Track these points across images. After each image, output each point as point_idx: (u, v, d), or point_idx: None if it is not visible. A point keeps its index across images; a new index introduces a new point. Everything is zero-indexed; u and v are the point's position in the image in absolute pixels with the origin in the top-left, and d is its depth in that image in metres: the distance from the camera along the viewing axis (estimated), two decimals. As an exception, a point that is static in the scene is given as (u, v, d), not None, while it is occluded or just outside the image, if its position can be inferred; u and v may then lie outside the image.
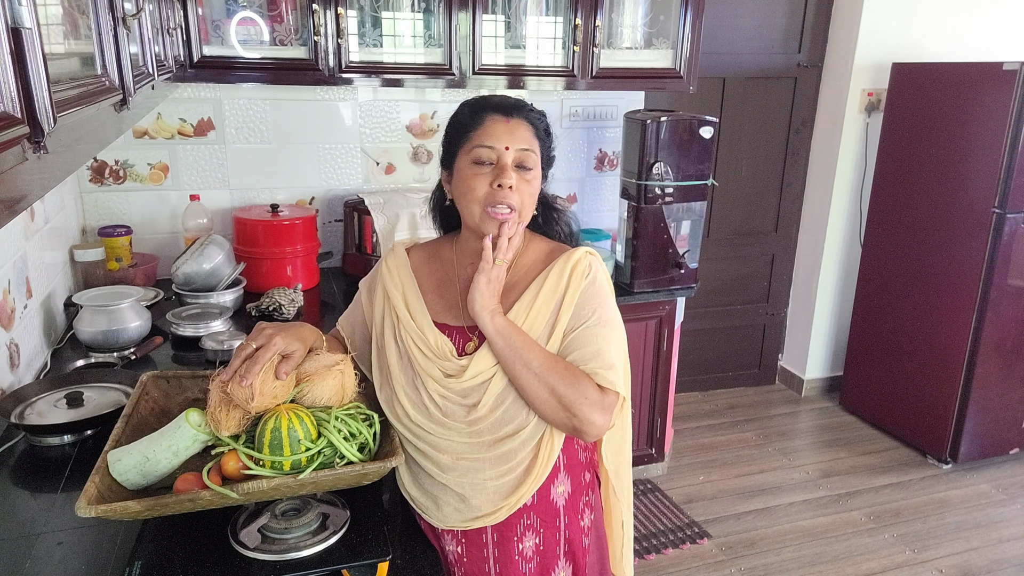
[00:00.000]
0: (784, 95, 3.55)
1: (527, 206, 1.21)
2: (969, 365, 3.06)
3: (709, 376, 3.90)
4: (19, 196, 0.63)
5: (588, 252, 1.25)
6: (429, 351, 1.22)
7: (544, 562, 1.28)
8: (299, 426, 1.11)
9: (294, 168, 2.71)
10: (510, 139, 1.18)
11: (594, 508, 1.34)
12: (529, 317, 1.19)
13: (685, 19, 2.67)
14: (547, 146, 1.25)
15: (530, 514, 1.25)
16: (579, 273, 1.20)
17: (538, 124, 1.23)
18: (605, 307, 1.21)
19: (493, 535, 1.25)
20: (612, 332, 1.20)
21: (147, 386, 1.34)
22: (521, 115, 1.21)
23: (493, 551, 1.25)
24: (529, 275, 1.24)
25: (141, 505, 1.03)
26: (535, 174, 1.21)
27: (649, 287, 2.73)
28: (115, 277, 2.27)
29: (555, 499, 1.26)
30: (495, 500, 1.21)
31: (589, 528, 1.33)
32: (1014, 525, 2.83)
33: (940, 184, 3.09)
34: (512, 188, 1.17)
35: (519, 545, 1.26)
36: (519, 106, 1.22)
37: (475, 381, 1.18)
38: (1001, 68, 2.80)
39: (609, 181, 3.16)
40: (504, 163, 1.17)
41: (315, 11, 2.27)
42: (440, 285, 1.29)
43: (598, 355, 1.17)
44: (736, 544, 2.68)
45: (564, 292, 1.20)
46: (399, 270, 1.30)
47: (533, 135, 1.21)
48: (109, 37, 1.02)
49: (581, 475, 1.31)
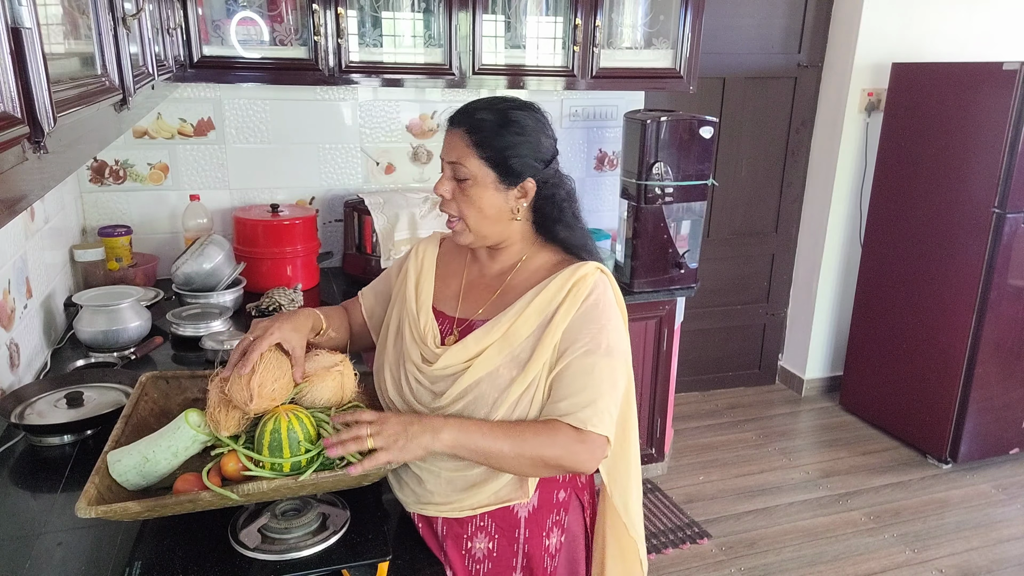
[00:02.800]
0: (784, 95, 3.55)
1: (470, 217, 1.20)
2: (969, 365, 3.06)
3: (709, 376, 3.89)
4: (19, 196, 0.63)
5: (598, 268, 1.22)
6: (417, 334, 1.25)
7: (496, 569, 1.26)
8: (298, 427, 1.11)
9: (294, 168, 2.71)
10: (446, 150, 1.20)
11: (567, 531, 1.29)
12: (515, 325, 1.18)
13: (685, 19, 2.67)
14: (495, 152, 1.16)
15: (484, 517, 1.24)
16: (579, 290, 1.17)
17: (479, 131, 1.16)
18: (604, 332, 1.16)
19: (443, 526, 1.25)
20: (606, 361, 1.15)
21: (146, 387, 1.34)
22: (460, 125, 1.18)
23: (443, 542, 1.26)
24: (529, 282, 1.23)
25: (141, 506, 1.02)
26: (471, 184, 1.18)
27: (649, 287, 2.73)
28: (115, 277, 2.27)
29: (516, 509, 1.24)
30: (448, 492, 1.21)
31: (557, 550, 1.28)
32: (1014, 525, 2.83)
33: (940, 184, 3.09)
34: (446, 196, 1.20)
35: (468, 543, 1.25)
36: (466, 112, 1.19)
37: (444, 372, 1.19)
38: (1001, 68, 2.80)
39: (609, 181, 3.16)
40: (443, 173, 1.21)
41: (315, 11, 2.27)
42: (450, 275, 1.33)
43: (579, 392, 1.13)
44: (736, 544, 2.68)
45: (558, 307, 1.17)
46: (426, 254, 1.36)
47: (467, 144, 1.17)
48: (109, 37, 1.02)
49: (554, 492, 1.27)
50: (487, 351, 1.18)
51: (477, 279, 1.30)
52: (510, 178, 1.19)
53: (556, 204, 1.24)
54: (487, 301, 1.25)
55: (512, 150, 1.17)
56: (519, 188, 1.20)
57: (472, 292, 1.29)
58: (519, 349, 1.17)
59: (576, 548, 1.33)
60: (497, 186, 1.19)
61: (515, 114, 1.18)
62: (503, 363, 1.17)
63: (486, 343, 1.18)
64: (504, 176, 1.18)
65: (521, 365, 1.16)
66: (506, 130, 1.17)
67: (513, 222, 1.23)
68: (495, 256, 1.28)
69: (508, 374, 1.17)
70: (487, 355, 1.17)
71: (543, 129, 1.22)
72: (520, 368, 1.16)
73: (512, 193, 1.20)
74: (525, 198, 1.21)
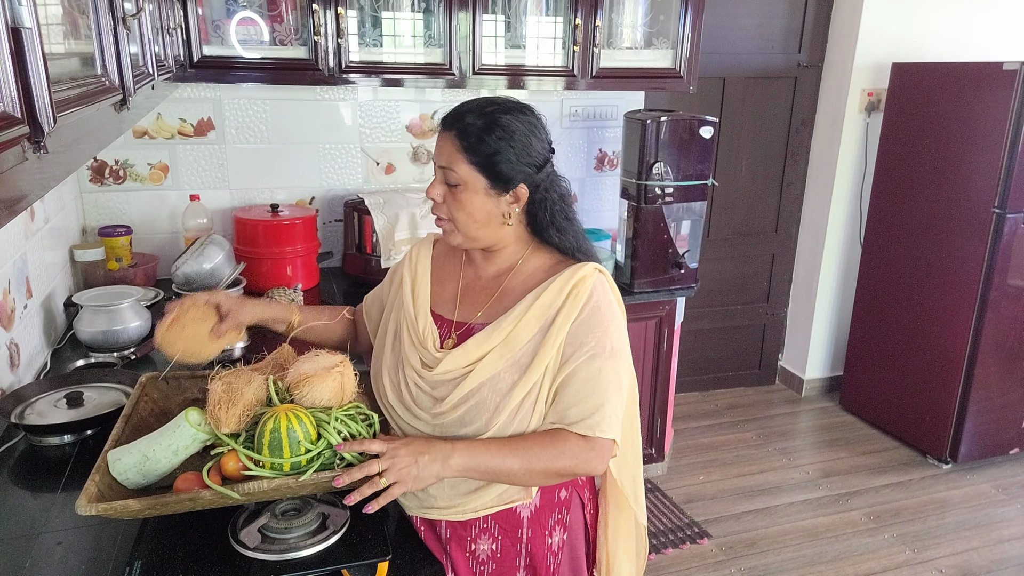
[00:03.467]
0: (784, 95, 3.55)
1: (460, 220, 1.19)
2: (969, 365, 3.06)
3: (709, 376, 3.89)
4: (19, 196, 0.63)
5: (596, 269, 1.21)
6: (416, 337, 1.25)
7: (500, 570, 1.27)
8: (298, 427, 1.11)
9: (294, 168, 2.71)
10: (437, 153, 1.20)
11: (568, 528, 1.30)
12: (516, 329, 1.17)
13: (685, 19, 2.67)
14: (483, 158, 1.15)
15: (488, 518, 1.24)
16: (579, 293, 1.17)
17: (467, 137, 1.14)
18: (608, 335, 1.17)
19: (447, 529, 1.25)
20: (611, 363, 1.16)
21: (146, 387, 1.34)
22: (449, 128, 1.17)
23: (447, 545, 1.26)
24: (526, 285, 1.22)
25: (141, 504, 1.03)
26: (462, 189, 1.16)
27: (649, 287, 2.73)
28: (115, 277, 2.27)
29: (519, 510, 1.24)
30: (451, 495, 1.22)
31: (560, 548, 1.29)
32: (1014, 525, 2.83)
33: (940, 184, 3.09)
34: (437, 200, 1.20)
35: (472, 545, 1.25)
36: (455, 115, 1.17)
37: (445, 376, 1.19)
38: (1001, 68, 2.80)
39: (609, 181, 3.16)
40: (435, 176, 1.21)
41: (315, 11, 2.27)
42: (446, 278, 1.32)
43: (587, 398, 1.14)
44: (736, 544, 2.68)
45: (558, 310, 1.17)
46: (420, 257, 1.36)
47: (456, 149, 1.15)
48: (109, 37, 1.02)
49: (555, 492, 1.28)
50: (488, 355, 1.17)
51: (473, 281, 1.29)
52: (501, 184, 1.16)
53: (547, 209, 1.21)
54: (485, 304, 1.25)
55: (499, 155, 1.14)
56: (511, 194, 1.18)
57: (469, 295, 1.28)
58: (520, 353, 1.17)
59: (577, 546, 1.33)
60: (488, 192, 1.17)
61: (502, 118, 1.15)
62: (504, 367, 1.17)
63: (487, 347, 1.18)
64: (495, 182, 1.16)
65: (522, 369, 1.16)
66: (492, 135, 1.14)
67: (505, 226, 1.21)
68: (490, 258, 1.27)
69: (509, 378, 1.16)
70: (488, 359, 1.17)
71: (533, 132, 1.18)
72: (521, 372, 1.16)
73: (504, 199, 1.18)
74: (517, 203, 1.19)
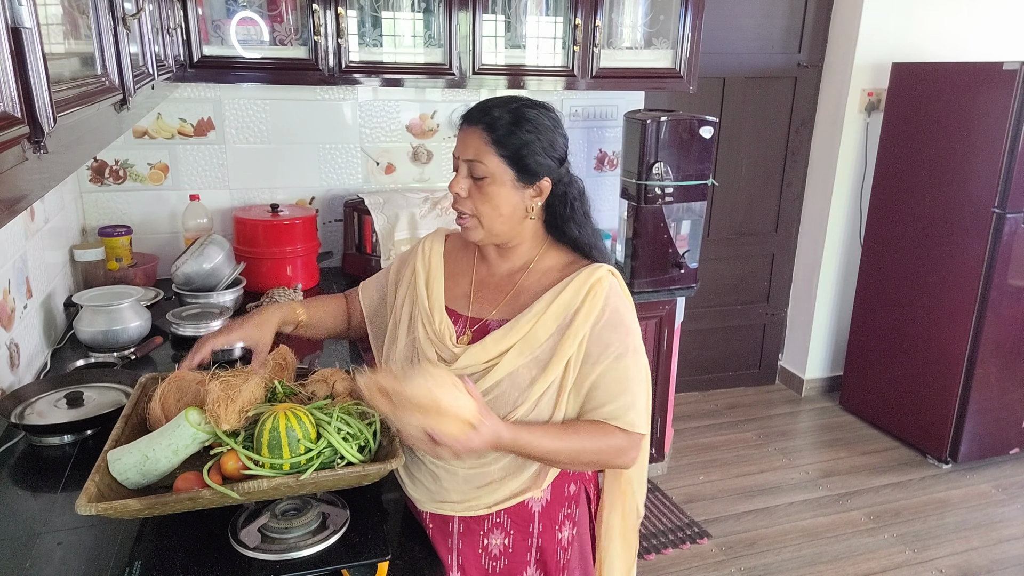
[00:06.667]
0: (784, 95, 3.55)
1: (485, 215, 1.20)
2: (969, 365, 3.06)
3: (709, 376, 3.90)
4: (19, 196, 0.63)
5: (610, 271, 1.23)
6: (433, 333, 1.25)
7: (512, 565, 1.27)
8: (297, 426, 1.11)
9: (294, 168, 2.71)
10: (462, 148, 1.20)
11: (577, 523, 1.32)
12: (535, 327, 1.18)
13: (685, 19, 2.67)
14: (512, 151, 1.17)
15: (500, 513, 1.25)
16: (596, 294, 1.19)
17: (496, 130, 1.17)
18: (629, 334, 1.20)
19: (460, 524, 1.26)
20: (635, 360, 1.19)
21: (146, 387, 1.34)
22: (476, 123, 1.19)
23: (458, 541, 1.26)
24: (542, 283, 1.23)
25: (141, 503, 1.03)
26: (489, 182, 1.18)
27: (649, 287, 2.73)
28: (115, 277, 2.27)
29: (530, 504, 1.26)
30: (465, 489, 1.22)
31: (570, 543, 1.31)
32: (1014, 525, 2.83)
33: (940, 184, 3.09)
34: (462, 195, 1.20)
35: (484, 540, 1.26)
36: (482, 110, 1.20)
37: (465, 372, 1.19)
38: (1001, 68, 2.80)
39: (609, 181, 3.16)
40: (457, 171, 1.21)
41: (315, 11, 2.27)
42: (459, 273, 1.33)
43: (620, 395, 1.17)
44: (736, 544, 2.68)
45: (577, 309, 1.18)
46: (432, 251, 1.36)
47: (485, 143, 1.17)
48: (109, 37, 1.02)
49: (565, 486, 1.29)
50: (508, 353, 1.18)
51: (487, 278, 1.30)
52: (527, 176, 1.19)
53: (568, 203, 1.24)
54: (500, 302, 1.26)
55: (528, 148, 1.18)
56: (535, 187, 1.21)
57: (483, 292, 1.29)
58: (540, 351, 1.18)
59: (585, 541, 1.35)
60: (514, 184, 1.19)
61: (529, 112, 1.19)
62: (524, 364, 1.18)
63: (506, 344, 1.19)
64: (521, 174, 1.19)
65: (542, 366, 1.18)
66: (521, 128, 1.17)
67: (526, 220, 1.23)
68: (505, 255, 1.28)
69: (528, 374, 1.18)
70: (509, 357, 1.18)
71: (557, 128, 1.22)
72: (541, 369, 1.18)
73: (528, 192, 1.21)
74: (540, 197, 1.22)
